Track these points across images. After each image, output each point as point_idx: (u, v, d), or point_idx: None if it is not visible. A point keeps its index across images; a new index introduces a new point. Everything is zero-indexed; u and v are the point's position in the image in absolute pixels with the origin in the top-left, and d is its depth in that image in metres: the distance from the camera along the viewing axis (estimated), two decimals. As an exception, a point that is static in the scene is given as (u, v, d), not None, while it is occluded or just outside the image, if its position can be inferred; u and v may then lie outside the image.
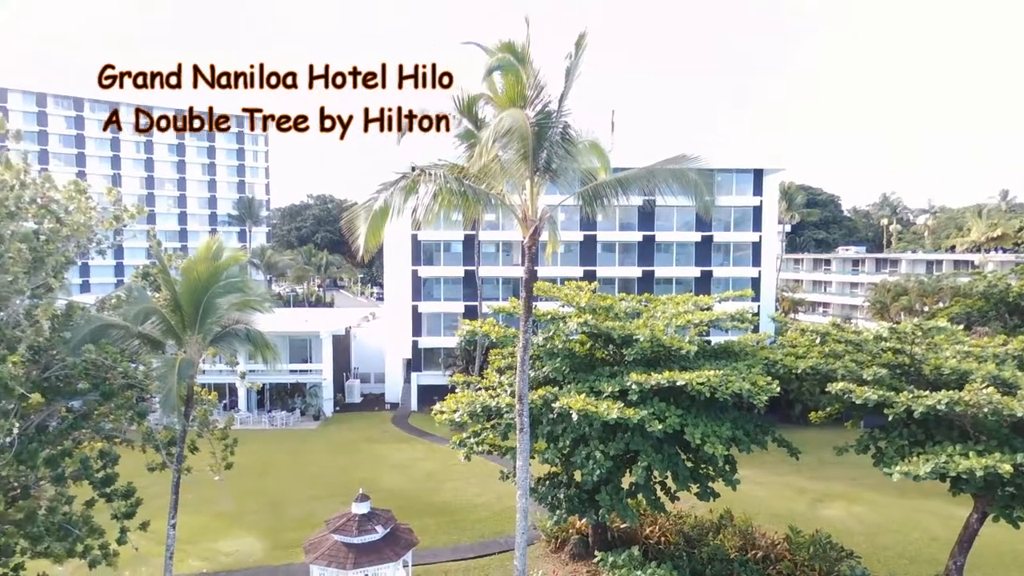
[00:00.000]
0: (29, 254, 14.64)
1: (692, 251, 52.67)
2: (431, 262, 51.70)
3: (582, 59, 14.02)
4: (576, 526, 25.02)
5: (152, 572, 21.88)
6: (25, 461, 13.96)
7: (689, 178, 14.02)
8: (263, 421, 46.34)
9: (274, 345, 18.52)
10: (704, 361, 21.67)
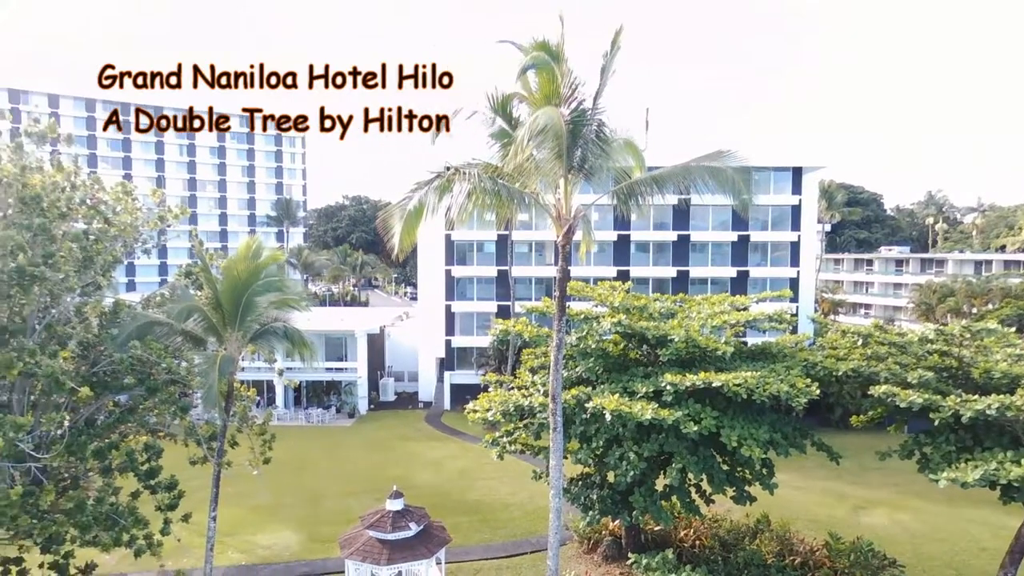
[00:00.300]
0: (79, 253, 15.19)
1: (728, 251, 51.83)
2: (464, 262, 51.96)
3: (617, 56, 13.92)
4: (609, 527, 24.84)
5: (193, 563, 22.47)
6: (75, 453, 14.47)
7: (726, 175, 13.78)
8: (300, 418, 47.20)
9: (311, 343, 18.84)
10: (741, 362, 21.30)
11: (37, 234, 14.25)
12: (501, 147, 14.85)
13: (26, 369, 13.01)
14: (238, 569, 24.15)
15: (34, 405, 15.02)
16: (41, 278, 13.73)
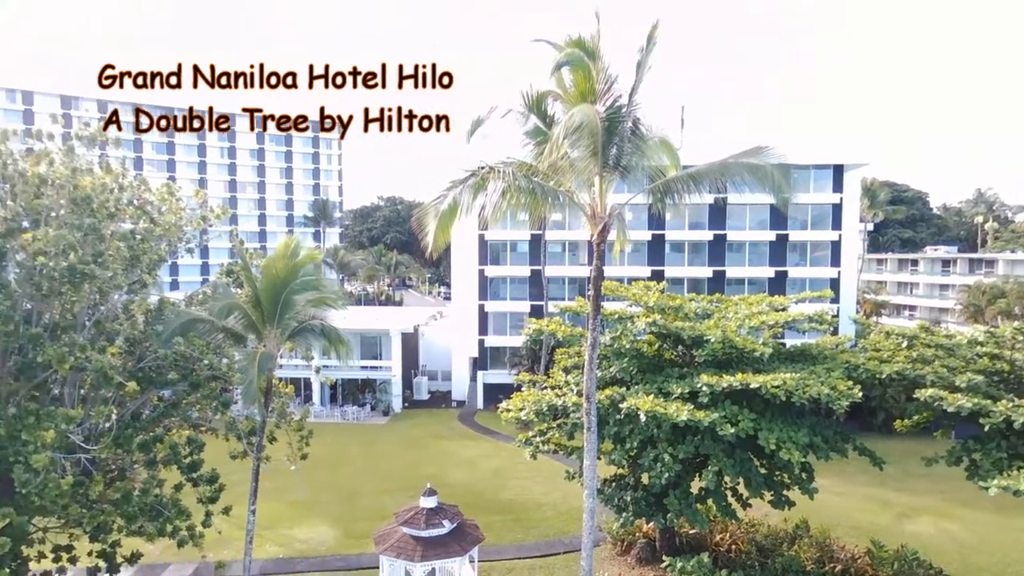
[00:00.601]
0: (127, 252, 15.67)
1: (766, 251, 50.83)
2: (498, 262, 52.08)
3: (653, 52, 13.76)
4: (643, 529, 24.60)
5: (233, 554, 22.99)
6: (122, 445, 14.95)
7: (766, 172, 13.50)
8: (335, 415, 47.92)
9: (347, 341, 19.09)
10: (779, 364, 20.87)
11: (87, 234, 14.75)
12: (535, 145, 14.83)
13: (77, 364, 13.48)
14: (276, 562, 24.64)
15: (84, 399, 15.56)
16: (91, 276, 14.21)
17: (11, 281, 14.38)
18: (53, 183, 15.51)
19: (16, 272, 14.88)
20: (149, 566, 22.64)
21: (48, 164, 15.76)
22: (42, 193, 15.26)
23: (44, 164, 15.71)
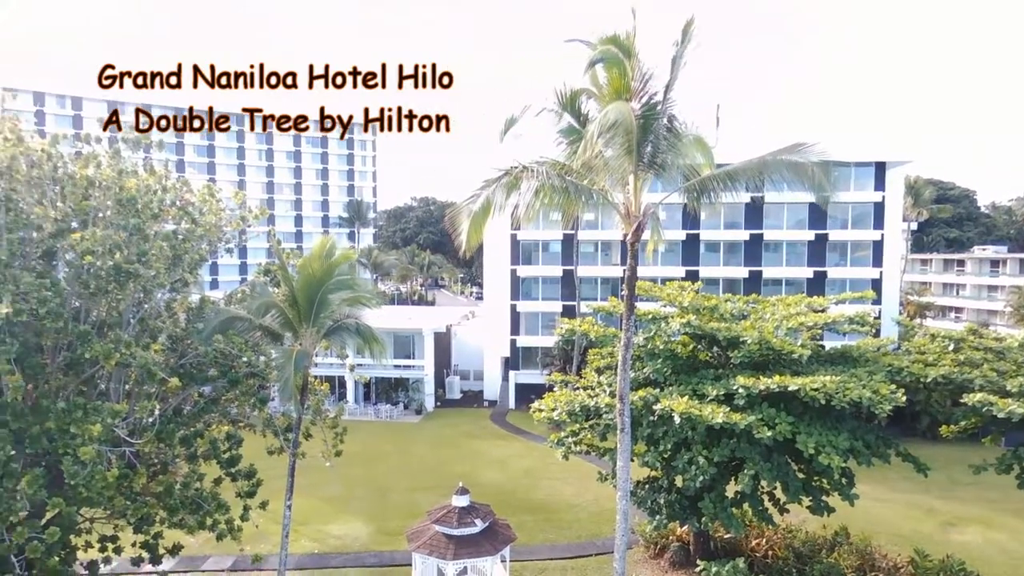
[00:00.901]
0: (169, 252, 16.08)
1: (804, 251, 49.72)
2: (530, 262, 52.04)
3: (689, 47, 13.56)
4: (676, 533, 24.28)
5: (269, 548, 23.43)
6: (164, 439, 15.33)
7: (806, 169, 13.18)
8: (369, 413, 48.50)
9: (381, 340, 19.28)
10: (818, 366, 20.41)
11: (132, 234, 15.18)
12: (569, 144, 14.75)
13: (122, 360, 13.88)
14: (311, 557, 25.04)
15: (128, 394, 16.02)
16: (136, 275, 14.62)
17: (61, 279, 14.88)
18: (100, 185, 16.01)
19: (65, 271, 15.41)
20: (190, 558, 23.22)
21: (96, 167, 16.27)
22: (90, 195, 15.75)
23: (92, 167, 16.22)
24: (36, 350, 14.15)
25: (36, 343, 14.03)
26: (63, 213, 15.36)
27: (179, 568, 22.45)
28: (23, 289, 13.18)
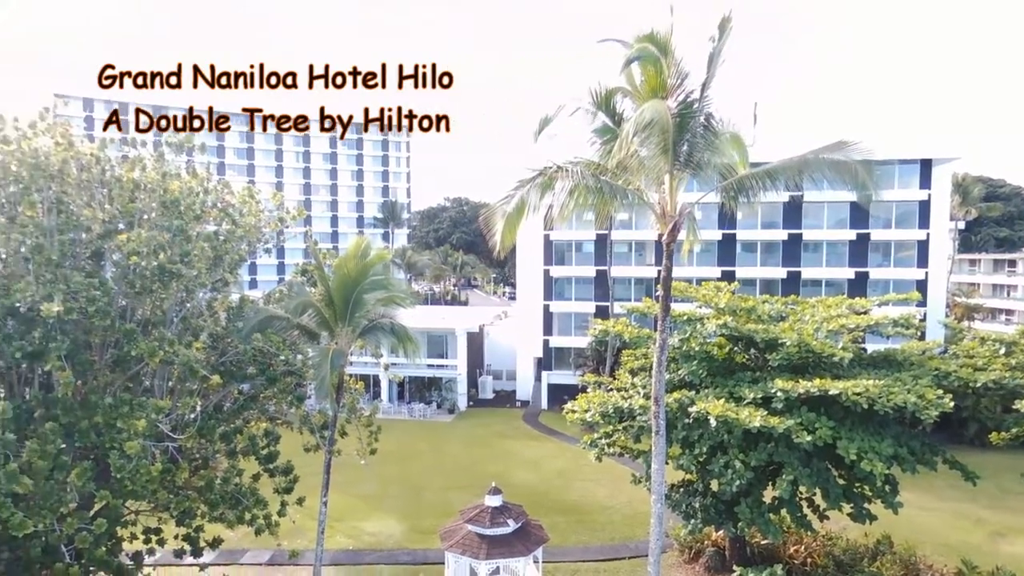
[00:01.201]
0: (211, 252, 16.48)
1: (845, 251, 48.43)
2: (563, 262, 51.87)
3: (726, 44, 13.32)
4: (712, 537, 23.91)
5: (306, 544, 23.83)
6: (205, 435, 15.73)
7: (849, 167, 12.82)
8: (403, 412, 48.97)
9: (415, 339, 19.44)
10: (860, 369, 19.87)
11: (175, 235, 15.61)
12: (603, 143, 14.62)
13: (166, 357, 14.28)
14: (346, 553, 25.39)
15: (171, 390, 16.48)
16: (179, 275, 15.04)
17: (108, 279, 15.38)
18: (145, 187, 16.51)
19: (113, 271, 15.93)
20: (229, 551, 23.76)
21: (141, 170, 16.79)
22: (136, 197, 16.26)
23: (138, 170, 16.74)
24: (85, 347, 14.64)
25: (85, 340, 14.51)
26: (110, 215, 15.87)
27: (219, 561, 23.00)
28: (73, 288, 13.66)
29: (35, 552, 13.27)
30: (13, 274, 14.24)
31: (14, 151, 15.38)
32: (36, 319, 13.42)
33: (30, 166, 14.86)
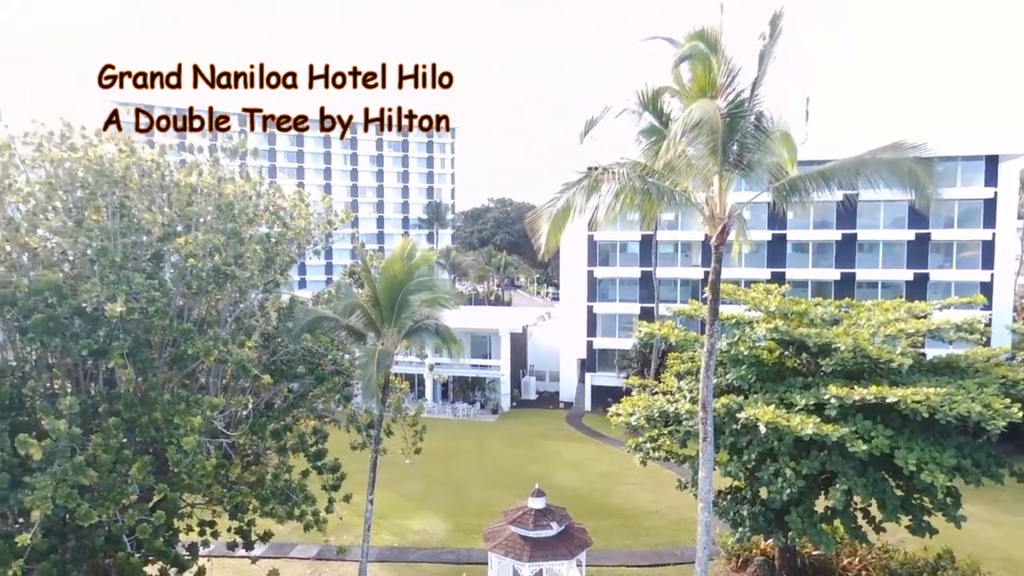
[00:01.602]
0: (263, 254, 16.95)
1: (903, 251, 46.51)
2: (607, 263, 51.44)
3: (778, 40, 12.96)
4: (760, 546, 23.31)
5: (352, 540, 24.23)
6: (256, 432, 16.20)
7: (908, 169, 12.30)
8: (447, 411, 49.40)
9: (459, 340, 19.57)
10: (920, 376, 19.06)
11: (230, 237, 16.11)
12: (650, 144, 14.42)
13: (220, 356, 14.76)
14: (391, 550, 25.76)
15: (225, 388, 17.03)
16: (232, 276, 15.52)
17: (167, 280, 16.00)
18: (202, 191, 17.11)
19: (171, 272, 16.56)
20: (279, 544, 24.38)
21: (198, 175, 17.40)
22: (192, 201, 16.86)
23: (195, 175, 17.35)
24: (145, 345, 15.24)
25: (145, 339, 15.12)
26: (169, 218, 16.49)
27: (269, 554, 23.62)
28: (135, 289, 14.23)
29: (99, 541, 13.90)
30: (80, 275, 14.94)
31: (81, 158, 16.14)
32: (101, 318, 14.04)
33: (96, 172, 15.57)
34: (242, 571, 23.55)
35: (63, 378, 15.60)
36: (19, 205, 15.75)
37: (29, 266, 15.07)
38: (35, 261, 15.13)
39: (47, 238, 15.40)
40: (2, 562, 12.26)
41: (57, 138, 16.41)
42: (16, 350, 15.46)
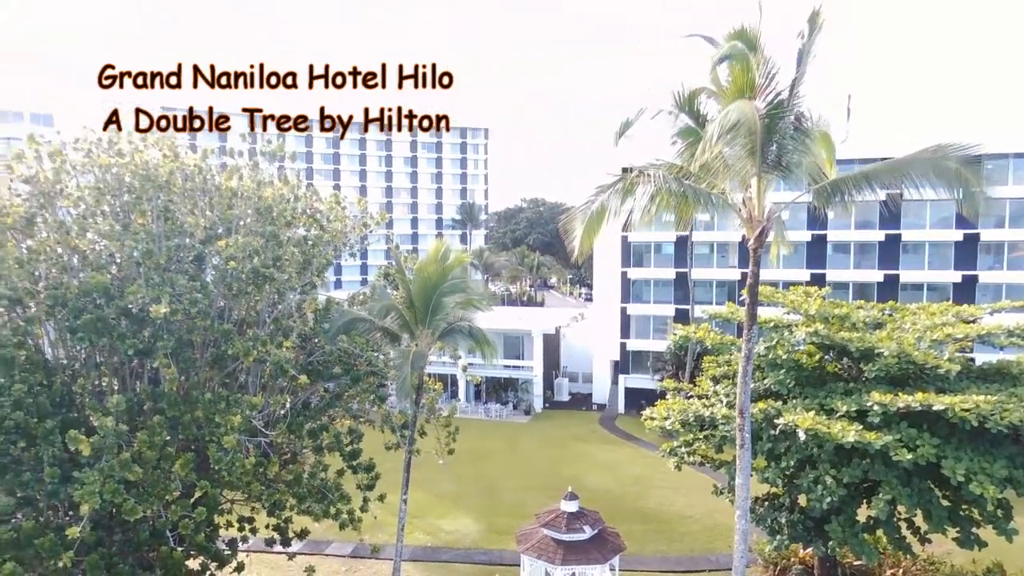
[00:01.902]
0: (300, 256, 17.27)
1: (950, 252, 44.96)
2: (641, 263, 50.95)
3: (817, 39, 12.64)
4: (799, 555, 22.79)
5: (386, 539, 24.54)
6: (294, 431, 16.50)
7: (952, 170, 11.86)
8: (479, 412, 49.57)
9: (492, 341, 19.61)
10: (969, 383, 18.38)
11: (268, 240, 16.46)
12: (686, 146, 14.21)
13: (259, 356, 15.08)
14: (424, 550, 25.96)
15: (263, 387, 17.38)
16: (271, 278, 15.84)
17: (208, 282, 16.41)
18: (242, 195, 17.50)
19: (212, 274, 16.98)
20: (315, 541, 24.79)
21: (238, 178, 17.80)
22: (233, 204, 17.26)
23: (235, 178, 17.76)
24: (188, 346, 15.66)
25: (188, 339, 15.52)
26: (211, 221, 16.92)
27: (305, 550, 24.04)
28: (178, 291, 14.64)
29: (143, 535, 14.33)
30: (126, 277, 15.42)
31: (128, 163, 16.68)
32: (146, 319, 14.48)
33: (142, 177, 16.07)
34: (279, 567, 24.05)
35: (110, 376, 16.15)
36: (70, 209, 16.37)
37: (79, 268, 15.63)
38: (84, 263, 15.68)
39: (96, 241, 15.94)
40: (53, 554, 12.74)
41: (105, 144, 16.99)
42: (67, 349, 16.05)
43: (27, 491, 13.84)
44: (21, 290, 14.49)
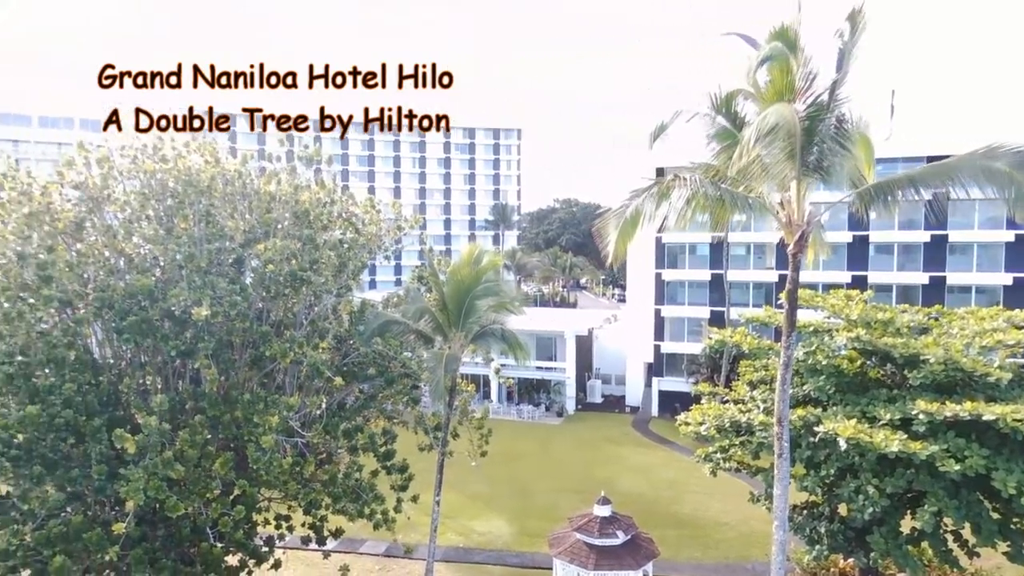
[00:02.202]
0: (336, 260, 17.53)
1: (1000, 253, 43.21)
2: (675, 265, 50.32)
3: (859, 38, 12.29)
4: (839, 566, 22.21)
5: (418, 539, 24.68)
6: (330, 431, 16.75)
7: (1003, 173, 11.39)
8: (512, 413, 49.60)
9: (524, 343, 19.59)
10: (1021, 392, 17.63)
11: (305, 243, 16.75)
12: (722, 149, 13.97)
13: (295, 358, 15.37)
14: (456, 550, 26.09)
15: (299, 388, 17.69)
16: (308, 281, 16.12)
17: (247, 285, 16.78)
18: (280, 199, 17.85)
19: (251, 277, 17.35)
20: (349, 540, 25.13)
21: (276, 183, 18.16)
22: (271, 208, 17.62)
23: (274, 183, 18.12)
24: (227, 347, 16.04)
25: (228, 341, 15.90)
26: (250, 225, 17.29)
27: (340, 548, 24.39)
28: (219, 294, 15.00)
29: (185, 531, 14.73)
30: (170, 280, 15.88)
31: (171, 168, 17.16)
32: (188, 321, 14.88)
33: (184, 182, 16.53)
34: (315, 564, 24.41)
35: (154, 376, 16.64)
36: (117, 213, 16.91)
37: (125, 271, 16.15)
38: (130, 266, 16.20)
39: (140, 245, 16.46)
40: (100, 548, 13.18)
41: (150, 150, 17.50)
42: (113, 349, 16.60)
43: (76, 487, 14.36)
44: (71, 292, 15.03)
